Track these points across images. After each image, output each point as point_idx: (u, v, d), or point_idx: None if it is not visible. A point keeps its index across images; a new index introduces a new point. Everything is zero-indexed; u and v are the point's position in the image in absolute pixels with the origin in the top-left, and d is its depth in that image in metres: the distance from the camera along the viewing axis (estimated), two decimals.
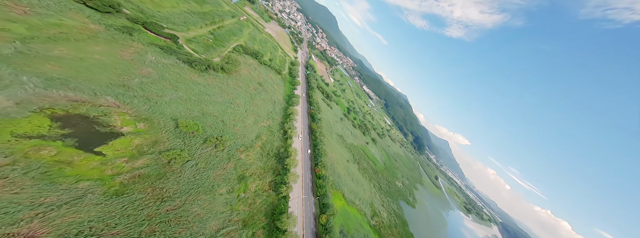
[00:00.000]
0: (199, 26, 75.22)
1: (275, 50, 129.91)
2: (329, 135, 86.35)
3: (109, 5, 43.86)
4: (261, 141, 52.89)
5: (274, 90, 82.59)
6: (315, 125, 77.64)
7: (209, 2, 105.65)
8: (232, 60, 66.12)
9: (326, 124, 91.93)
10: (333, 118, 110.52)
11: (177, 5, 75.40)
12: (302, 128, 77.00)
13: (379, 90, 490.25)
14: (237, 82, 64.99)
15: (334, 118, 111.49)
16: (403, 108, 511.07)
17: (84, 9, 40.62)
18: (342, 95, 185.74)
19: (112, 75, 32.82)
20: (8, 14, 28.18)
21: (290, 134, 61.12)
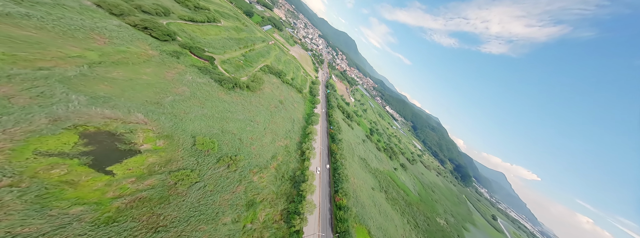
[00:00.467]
0: (234, 49, 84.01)
1: (298, 70, 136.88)
2: (351, 158, 79.95)
3: (167, 34, 51.47)
4: (277, 162, 50.32)
5: (294, 109, 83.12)
6: (336, 146, 72.94)
7: (245, 30, 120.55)
8: (257, 78, 69.69)
9: (347, 146, 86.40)
10: (354, 139, 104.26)
11: (220, 33, 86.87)
12: (321, 149, 72.95)
13: (404, 111, 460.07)
14: (260, 99, 67.01)
15: (355, 139, 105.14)
16: (436, 131, 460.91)
17: (148, 38, 47.94)
18: (364, 116, 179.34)
19: (151, 94, 35.67)
20: (91, 44, 34.06)
21: (308, 155, 57.63)
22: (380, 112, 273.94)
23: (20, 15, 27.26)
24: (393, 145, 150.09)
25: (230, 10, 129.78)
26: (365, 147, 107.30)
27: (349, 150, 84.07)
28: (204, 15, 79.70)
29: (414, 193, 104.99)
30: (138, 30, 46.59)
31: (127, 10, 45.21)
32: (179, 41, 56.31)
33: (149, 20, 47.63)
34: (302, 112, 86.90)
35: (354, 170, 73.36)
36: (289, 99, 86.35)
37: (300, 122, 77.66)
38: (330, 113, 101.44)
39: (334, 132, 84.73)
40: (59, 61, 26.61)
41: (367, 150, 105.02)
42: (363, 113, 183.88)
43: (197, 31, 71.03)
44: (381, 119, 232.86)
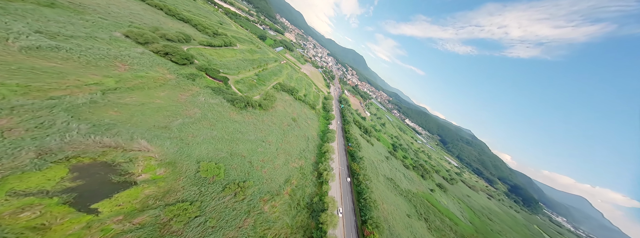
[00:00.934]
0: (248, 70, 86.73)
1: (310, 86, 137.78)
2: (376, 179, 71.20)
3: (185, 58, 53.66)
4: (291, 186, 44.87)
5: (308, 126, 79.62)
6: (357, 165, 65.69)
7: (258, 52, 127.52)
8: (269, 96, 68.77)
9: (369, 164, 78.21)
10: (376, 156, 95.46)
11: (235, 55, 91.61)
12: (340, 169, 66.16)
13: (427, 123, 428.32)
14: (272, 117, 64.88)
15: (377, 156, 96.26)
16: (472, 145, 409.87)
17: (168, 63, 49.97)
18: (383, 130, 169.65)
19: (160, 118, 34.51)
20: (112, 71, 35.20)
21: (326, 178, 51.41)
22: (400, 126, 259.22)
23: (50, 48, 28.70)
24: (423, 162, 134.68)
25: (245, 35, 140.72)
26: (390, 164, 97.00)
27: (372, 170, 75.64)
28: (221, 40, 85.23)
29: (464, 221, 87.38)
30: (159, 56, 48.90)
31: (152, 38, 48.19)
32: (196, 64, 58.40)
33: (170, 46, 50.18)
34: (317, 129, 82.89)
35: (381, 192, 64.18)
36: (302, 116, 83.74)
37: (315, 139, 73.08)
38: (347, 128, 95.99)
39: (353, 149, 78.01)
40: (74, 89, 26.48)
41: (393, 168, 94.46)
42: (381, 127, 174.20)
43: (214, 54, 74.88)
44: (403, 133, 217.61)
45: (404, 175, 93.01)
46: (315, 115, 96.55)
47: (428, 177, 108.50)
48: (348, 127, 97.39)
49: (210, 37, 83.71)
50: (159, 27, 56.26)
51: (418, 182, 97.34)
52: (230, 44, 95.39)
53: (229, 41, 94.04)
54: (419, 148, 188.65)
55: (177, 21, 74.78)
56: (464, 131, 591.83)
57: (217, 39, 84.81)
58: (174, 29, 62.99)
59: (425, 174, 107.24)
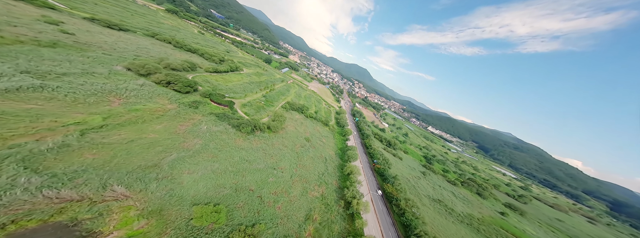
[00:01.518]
0: (255, 92, 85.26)
1: (319, 103, 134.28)
2: (419, 202, 58.68)
3: (188, 86, 51.95)
4: (313, 224, 35.74)
5: (324, 145, 72.14)
6: (392, 187, 54.64)
7: (264, 74, 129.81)
8: (278, 116, 63.99)
9: (405, 183, 66.15)
10: (410, 172, 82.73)
11: (242, 79, 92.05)
12: (371, 194, 55.49)
13: (455, 129, 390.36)
14: (283, 140, 58.88)
15: (410, 172, 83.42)
16: (523, 151, 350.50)
17: (170, 92, 48.04)
18: (407, 141, 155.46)
19: (151, 155, 29.65)
20: (101, 107, 32.45)
21: (356, 208, 41.56)
22: (424, 135, 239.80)
23: (33, 88, 26.48)
24: (470, 175, 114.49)
25: (251, 60, 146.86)
26: (430, 181, 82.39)
27: (410, 190, 63.33)
28: (227, 65, 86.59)
29: None
30: (161, 86, 47.30)
31: (154, 69, 47.35)
32: (200, 91, 56.55)
33: (173, 75, 48.88)
34: (334, 148, 74.87)
35: (433, 221, 51.05)
36: (316, 135, 77.06)
37: (334, 159, 64.63)
38: (368, 143, 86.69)
39: (381, 166, 67.63)
40: (45, 133, 22.72)
41: (435, 185, 79.69)
42: (404, 138, 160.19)
43: (220, 80, 74.57)
44: (430, 143, 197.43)
45: (453, 194, 76.84)
46: (330, 132, 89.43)
47: (488, 195, 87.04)
48: (368, 142, 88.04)
49: (216, 64, 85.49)
50: (164, 58, 56.82)
51: (477, 203, 78.48)
52: (237, 69, 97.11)
53: (235, 66, 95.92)
54: (457, 159, 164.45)
55: (185, 52, 77.69)
56: (504, 134, 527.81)
57: (223, 65, 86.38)
58: (181, 59, 63.95)
59: (482, 191, 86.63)
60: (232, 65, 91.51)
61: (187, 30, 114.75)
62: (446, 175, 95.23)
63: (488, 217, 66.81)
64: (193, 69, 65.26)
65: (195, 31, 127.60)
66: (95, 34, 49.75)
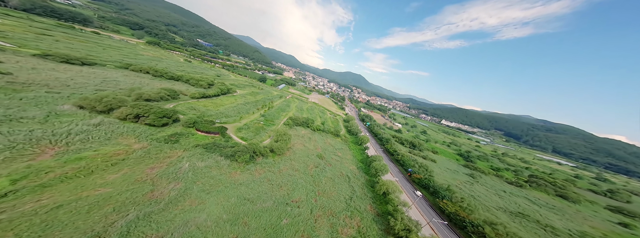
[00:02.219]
0: (251, 112, 75.50)
1: (323, 113, 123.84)
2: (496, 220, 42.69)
3: (164, 117, 42.06)
4: None
5: (341, 159, 59.40)
6: (454, 205, 39.60)
7: (260, 93, 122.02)
8: (281, 135, 52.68)
9: (460, 194, 50.37)
10: (454, 177, 67.17)
11: (235, 100, 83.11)
12: (425, 217, 40.78)
13: (471, 119, 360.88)
14: (292, 162, 46.86)
15: (455, 177, 67.81)
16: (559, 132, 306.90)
17: (139, 127, 38.00)
18: (429, 139, 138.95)
19: (89, 222, 18.37)
20: (15, 164, 21.83)
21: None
22: (442, 130, 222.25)
23: None
24: (532, 172, 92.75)
25: (245, 81, 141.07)
26: (486, 186, 64.85)
27: (483, 208, 47.34)
28: (217, 88, 78.35)
29: None
30: (128, 122, 37.41)
31: (118, 102, 37.80)
32: (182, 120, 46.50)
33: (144, 106, 39.19)
34: (354, 161, 61.88)
35: None
36: (329, 149, 64.75)
37: (359, 176, 51.33)
38: (391, 149, 73.33)
39: (422, 176, 53.28)
40: None
41: (498, 191, 62.04)
42: (425, 136, 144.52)
43: (209, 105, 65.44)
44: (454, 137, 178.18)
45: (531, 201, 58.01)
46: (343, 143, 76.91)
47: (575, 196, 65.96)
48: (391, 147, 74.73)
49: (204, 88, 77.42)
50: (136, 89, 47.98)
51: (571, 211, 58.92)
52: (229, 91, 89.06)
53: (227, 89, 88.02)
54: (495, 151, 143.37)
55: (167, 80, 70.07)
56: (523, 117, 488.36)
57: (212, 89, 78.22)
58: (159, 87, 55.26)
59: (564, 192, 66.02)
60: (223, 87, 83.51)
61: (171, 60, 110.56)
62: (500, 175, 77.76)
63: (611, 233, 48.03)
64: (174, 97, 56.32)
65: (180, 60, 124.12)
66: (44, 71, 42.00)
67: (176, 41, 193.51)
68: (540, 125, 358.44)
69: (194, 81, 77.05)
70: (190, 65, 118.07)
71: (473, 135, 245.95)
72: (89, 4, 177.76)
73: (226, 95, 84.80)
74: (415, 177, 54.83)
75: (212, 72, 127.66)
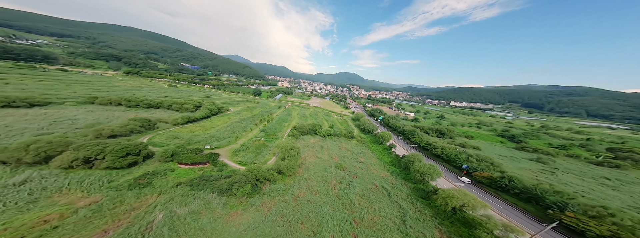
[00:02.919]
0: (249, 129, 65.77)
1: (329, 116, 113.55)
2: None
3: (129, 154, 32.24)
4: None
5: (366, 166, 47.96)
6: (606, 226, 25.97)
7: (257, 107, 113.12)
8: (288, 150, 42.17)
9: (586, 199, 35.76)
10: (518, 165, 53.24)
11: (229, 119, 73.82)
12: None
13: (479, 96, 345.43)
14: (308, 182, 36.20)
15: (519, 165, 53.81)
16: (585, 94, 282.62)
17: (93, 174, 28.24)
18: (452, 122, 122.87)
19: None
20: None
21: None
22: (459, 111, 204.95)
23: None
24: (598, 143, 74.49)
25: (238, 97, 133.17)
26: (575, 174, 48.77)
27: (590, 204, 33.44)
28: (206, 109, 69.41)
29: None
30: (76, 170, 27.68)
31: (58, 147, 28.19)
32: (157, 154, 36.66)
33: (95, 147, 29.48)
34: (383, 165, 50.36)
35: None
36: (347, 156, 53.69)
37: (400, 185, 39.57)
38: (424, 142, 61.61)
39: (487, 174, 40.69)
40: None
41: (602, 179, 46.31)
42: (445, 121, 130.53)
43: (196, 129, 56.01)
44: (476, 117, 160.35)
45: None
46: (361, 145, 65.68)
47: None
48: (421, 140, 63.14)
49: (190, 112, 68.56)
50: (97, 124, 38.77)
51: None
52: (220, 111, 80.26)
53: (218, 108, 79.32)
54: (531, 126, 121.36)
55: (144, 110, 61.48)
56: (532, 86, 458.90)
57: (199, 111, 69.31)
58: (127, 119, 46.06)
59: None
60: (213, 108, 74.68)
61: (152, 87, 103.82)
62: (572, 154, 62.10)
63: None
64: (149, 128, 47.11)
65: (164, 86, 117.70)
66: None
67: (159, 68, 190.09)
68: (556, 90, 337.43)
69: (178, 105, 68.32)
70: (175, 90, 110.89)
71: (492, 112, 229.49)
72: (57, 42, 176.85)
73: (218, 115, 75.79)
74: (477, 176, 42.08)
75: (202, 93, 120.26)
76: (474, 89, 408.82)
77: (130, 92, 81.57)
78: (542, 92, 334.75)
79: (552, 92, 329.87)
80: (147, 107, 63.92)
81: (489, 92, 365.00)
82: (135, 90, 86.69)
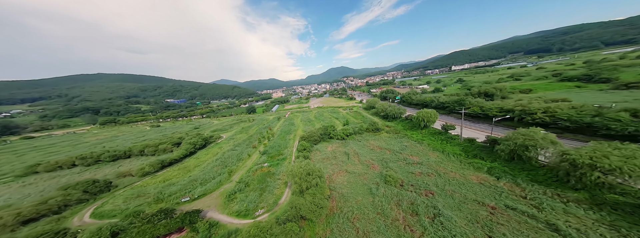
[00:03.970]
0: (247, 156, 51.46)
1: (337, 112, 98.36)
2: None
3: None
4: None
5: (430, 168, 31.09)
6: None
7: (254, 124, 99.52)
8: (304, 176, 27.20)
9: None
10: None
11: (219, 150, 59.87)
12: None
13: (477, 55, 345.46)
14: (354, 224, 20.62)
15: None
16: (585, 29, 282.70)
17: None
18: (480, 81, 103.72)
19: None
20: None
21: None
22: (470, 72, 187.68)
23: None
24: None
25: (231, 120, 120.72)
26: None
27: None
28: (187, 145, 55.99)
29: None
30: None
31: None
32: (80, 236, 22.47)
33: None
34: (455, 159, 33.36)
35: None
36: (389, 158, 37.86)
37: (546, 196, 22.84)
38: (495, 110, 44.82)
39: None
40: None
41: None
42: (472, 83, 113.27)
43: (174, 174, 42.22)
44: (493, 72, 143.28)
45: None
46: (397, 137, 49.76)
47: None
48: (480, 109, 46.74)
49: (168, 152, 55.17)
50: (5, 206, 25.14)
51: None
52: (208, 143, 67.01)
53: (204, 140, 66.16)
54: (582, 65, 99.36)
55: (109, 164, 48.56)
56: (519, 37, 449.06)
57: (179, 149, 55.99)
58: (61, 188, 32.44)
59: None
60: (196, 141, 61.31)
61: (131, 133, 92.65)
62: None
63: None
64: (102, 190, 33.28)
65: (146, 128, 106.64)
66: None
67: (143, 110, 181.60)
68: (550, 34, 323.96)
69: (152, 149, 55.16)
70: (158, 130, 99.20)
71: (502, 66, 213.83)
72: (31, 108, 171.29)
73: (206, 148, 62.43)
74: None
75: (189, 126, 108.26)
76: (467, 50, 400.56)
77: (101, 144, 69.83)
78: (538, 38, 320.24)
79: (546, 36, 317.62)
80: (113, 159, 50.96)
81: (485, 50, 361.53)
82: (108, 142, 74.99)
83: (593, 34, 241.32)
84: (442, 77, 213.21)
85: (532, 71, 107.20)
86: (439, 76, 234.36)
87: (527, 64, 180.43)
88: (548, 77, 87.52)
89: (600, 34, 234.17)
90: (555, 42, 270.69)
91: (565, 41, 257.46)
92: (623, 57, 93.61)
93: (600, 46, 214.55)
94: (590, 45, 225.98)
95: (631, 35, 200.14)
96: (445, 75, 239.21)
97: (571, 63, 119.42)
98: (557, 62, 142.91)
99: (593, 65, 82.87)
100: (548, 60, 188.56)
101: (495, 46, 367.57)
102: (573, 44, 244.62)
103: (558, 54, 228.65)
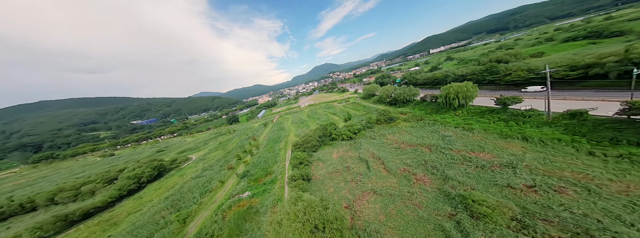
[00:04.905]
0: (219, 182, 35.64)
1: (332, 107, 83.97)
2: None
3: None
4: None
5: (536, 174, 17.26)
6: None
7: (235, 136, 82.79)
8: (305, 234, 11.87)
9: None
10: None
11: (181, 178, 43.53)
12: None
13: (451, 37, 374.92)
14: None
15: None
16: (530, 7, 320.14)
17: None
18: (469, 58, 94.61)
19: None
20: None
21: None
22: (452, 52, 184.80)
23: None
24: None
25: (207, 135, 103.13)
26: None
27: None
28: (125, 181, 39.03)
29: None
30: None
31: None
32: None
33: None
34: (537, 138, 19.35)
35: None
36: (432, 159, 23.46)
37: None
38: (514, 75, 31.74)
39: None
40: None
41: None
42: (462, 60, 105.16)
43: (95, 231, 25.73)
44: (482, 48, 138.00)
45: None
46: (421, 126, 35.77)
47: None
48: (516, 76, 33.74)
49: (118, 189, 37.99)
50: None
51: None
52: (164, 171, 50.25)
53: (162, 166, 49.26)
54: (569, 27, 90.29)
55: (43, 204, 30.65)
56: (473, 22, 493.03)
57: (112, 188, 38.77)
58: None
59: None
60: (140, 172, 44.10)
61: (69, 169, 73.42)
62: None
63: None
64: None
65: (96, 159, 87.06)
66: None
67: (102, 137, 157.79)
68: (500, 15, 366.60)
69: (70, 192, 37.91)
70: (108, 161, 79.99)
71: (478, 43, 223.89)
72: None
73: (159, 180, 45.58)
74: None
75: (152, 150, 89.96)
76: (438, 35, 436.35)
77: (17, 191, 51.05)
78: (491, 21, 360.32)
79: (499, 18, 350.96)
80: (2, 218, 33.06)
81: (451, 34, 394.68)
82: (27, 186, 55.92)
83: (537, 13, 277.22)
84: (426, 59, 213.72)
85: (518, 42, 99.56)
86: (422, 59, 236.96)
87: (500, 39, 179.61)
88: (542, 43, 79.49)
89: (543, 12, 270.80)
90: (508, 21, 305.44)
91: (517, 20, 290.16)
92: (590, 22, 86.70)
93: (546, 21, 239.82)
94: (538, 21, 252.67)
95: (568, 10, 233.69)
96: (426, 58, 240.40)
97: (544, 32, 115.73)
98: (527, 35, 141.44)
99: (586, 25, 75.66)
100: (515, 34, 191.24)
101: (459, 30, 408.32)
102: (524, 22, 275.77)
103: (518, 30, 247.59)
